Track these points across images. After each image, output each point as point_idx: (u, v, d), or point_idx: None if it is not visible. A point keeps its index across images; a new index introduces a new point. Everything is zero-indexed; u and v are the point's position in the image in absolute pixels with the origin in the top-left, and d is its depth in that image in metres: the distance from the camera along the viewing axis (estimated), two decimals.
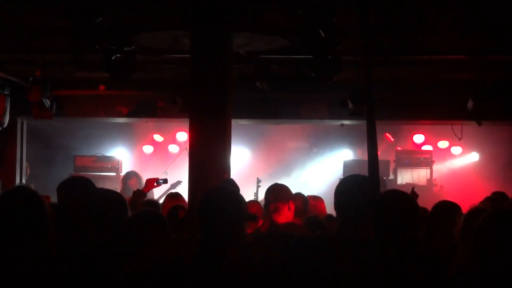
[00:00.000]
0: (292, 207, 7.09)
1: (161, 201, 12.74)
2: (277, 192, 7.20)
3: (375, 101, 5.78)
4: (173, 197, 8.94)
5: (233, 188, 5.79)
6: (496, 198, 8.53)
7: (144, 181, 14.37)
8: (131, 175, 14.92)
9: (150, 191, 12.39)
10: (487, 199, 8.32)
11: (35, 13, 9.09)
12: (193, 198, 7.98)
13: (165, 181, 10.31)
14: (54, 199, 9.73)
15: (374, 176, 5.18)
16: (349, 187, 4.72)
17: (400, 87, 12.40)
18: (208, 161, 8.23)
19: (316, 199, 9.51)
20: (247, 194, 11.79)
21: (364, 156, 13.48)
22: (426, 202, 9.59)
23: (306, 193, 9.78)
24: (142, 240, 4.95)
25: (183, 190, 10.17)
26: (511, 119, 12.94)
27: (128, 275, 4.81)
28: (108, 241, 5.24)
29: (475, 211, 5.38)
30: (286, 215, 7.05)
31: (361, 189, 4.67)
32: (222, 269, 4.48)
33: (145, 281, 4.72)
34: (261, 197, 11.06)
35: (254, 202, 8.28)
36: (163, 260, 4.87)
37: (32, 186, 10.02)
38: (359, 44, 6.91)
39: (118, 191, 13.80)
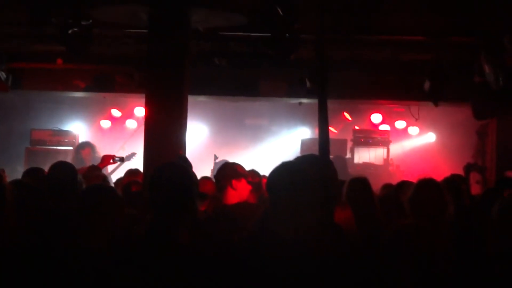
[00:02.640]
0: (239, 185, 6.84)
1: (114, 175, 12.75)
2: (219, 172, 7.04)
3: (328, 79, 5.80)
4: (132, 173, 8.85)
5: (185, 164, 5.75)
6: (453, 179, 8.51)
7: (98, 152, 14.40)
8: (84, 145, 14.82)
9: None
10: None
11: None
12: (147, 174, 7.98)
13: (122, 159, 10.29)
14: (10, 172, 9.72)
15: (324, 154, 5.19)
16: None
17: (358, 67, 12.45)
18: (163, 137, 8.23)
19: None
20: (204, 170, 11.78)
21: None
22: (383, 181, 9.67)
23: (264, 171, 9.79)
24: (96, 214, 4.92)
25: (138, 164, 10.14)
26: (467, 101, 13.05)
27: (81, 249, 4.79)
28: (63, 215, 5.23)
29: (425, 181, 5.57)
30: (232, 195, 6.82)
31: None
32: (172, 248, 4.47)
33: (98, 256, 4.70)
34: None
35: (207, 179, 8.08)
36: (117, 235, 4.85)
37: None
38: (316, 22, 6.92)
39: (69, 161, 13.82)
